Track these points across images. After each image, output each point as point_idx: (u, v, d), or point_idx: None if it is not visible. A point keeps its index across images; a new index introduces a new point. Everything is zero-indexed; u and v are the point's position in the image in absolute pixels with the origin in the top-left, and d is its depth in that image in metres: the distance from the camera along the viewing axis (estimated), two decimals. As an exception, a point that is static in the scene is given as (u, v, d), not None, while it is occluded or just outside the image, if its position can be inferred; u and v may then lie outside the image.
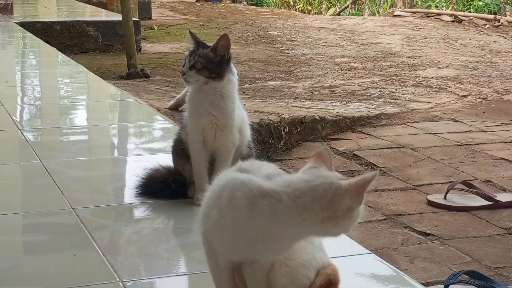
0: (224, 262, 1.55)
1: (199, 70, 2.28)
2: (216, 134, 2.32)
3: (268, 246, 1.47)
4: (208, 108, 2.31)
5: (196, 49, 2.30)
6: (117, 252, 2.08)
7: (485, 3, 12.88)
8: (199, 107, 2.32)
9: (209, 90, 2.30)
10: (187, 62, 2.29)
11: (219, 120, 2.31)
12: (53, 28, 7.61)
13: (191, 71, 2.28)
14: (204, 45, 2.32)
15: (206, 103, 2.31)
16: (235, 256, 1.53)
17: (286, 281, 1.54)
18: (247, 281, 1.56)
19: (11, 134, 3.32)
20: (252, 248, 1.49)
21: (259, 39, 9.28)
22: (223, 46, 2.29)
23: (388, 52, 8.48)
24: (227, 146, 2.33)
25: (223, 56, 2.29)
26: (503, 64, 7.86)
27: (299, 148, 4.82)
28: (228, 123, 2.32)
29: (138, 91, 5.41)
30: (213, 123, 2.32)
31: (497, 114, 5.64)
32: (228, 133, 2.32)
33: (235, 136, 2.34)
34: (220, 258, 1.55)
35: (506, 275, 2.96)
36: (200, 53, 2.28)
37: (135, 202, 2.44)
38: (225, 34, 2.31)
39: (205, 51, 2.28)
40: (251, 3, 14.83)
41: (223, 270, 1.57)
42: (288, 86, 6.46)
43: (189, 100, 2.37)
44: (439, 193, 3.87)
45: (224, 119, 2.30)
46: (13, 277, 1.88)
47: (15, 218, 2.33)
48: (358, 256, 2.04)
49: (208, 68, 2.27)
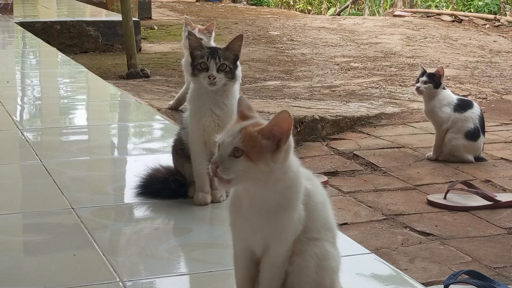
0: (239, 251, 1.60)
1: (226, 73, 2.28)
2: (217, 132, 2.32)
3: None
4: (211, 108, 2.31)
5: (214, 50, 2.28)
6: (117, 252, 2.08)
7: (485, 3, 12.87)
8: (202, 107, 2.32)
9: (215, 90, 2.29)
10: (212, 65, 2.27)
11: (221, 120, 2.31)
12: (53, 28, 7.61)
13: (220, 74, 2.27)
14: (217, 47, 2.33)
15: (210, 103, 2.31)
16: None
17: None
18: (261, 272, 1.58)
19: (11, 134, 3.32)
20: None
21: (259, 39, 9.28)
22: (239, 46, 2.29)
23: (388, 52, 8.48)
24: None
25: (237, 56, 2.30)
26: (503, 64, 7.86)
27: (299, 148, 4.82)
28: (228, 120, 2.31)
29: (138, 91, 5.41)
30: (215, 123, 2.32)
31: (497, 114, 5.64)
32: None
33: None
34: (234, 246, 1.60)
35: (506, 275, 2.96)
36: (223, 55, 2.27)
37: (135, 202, 2.44)
38: (240, 35, 2.31)
39: (227, 53, 2.28)
40: (251, 3, 14.83)
41: (237, 259, 1.61)
42: (288, 86, 6.46)
43: (191, 101, 2.36)
44: (439, 193, 3.87)
45: (226, 117, 2.30)
46: (13, 277, 1.88)
47: (15, 218, 2.33)
48: (358, 256, 2.04)
49: (231, 70, 2.28)
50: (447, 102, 4.57)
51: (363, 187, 4.02)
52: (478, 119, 4.54)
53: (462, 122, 4.52)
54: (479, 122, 4.53)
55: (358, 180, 4.16)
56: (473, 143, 4.49)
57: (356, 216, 3.57)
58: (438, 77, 4.54)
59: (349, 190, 3.98)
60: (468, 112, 4.55)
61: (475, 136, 4.49)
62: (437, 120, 4.58)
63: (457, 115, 4.54)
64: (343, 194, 3.91)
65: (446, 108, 4.56)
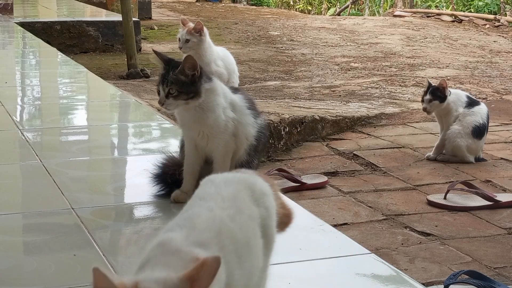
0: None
1: (176, 97, 2.25)
2: (207, 142, 2.34)
3: None
4: (190, 123, 2.32)
5: (166, 73, 2.26)
6: (117, 252, 2.08)
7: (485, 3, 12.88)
8: (185, 122, 2.34)
9: (190, 107, 2.29)
10: (161, 91, 2.26)
11: (208, 130, 2.32)
12: (53, 28, 7.61)
13: (168, 100, 2.26)
14: (174, 63, 2.29)
15: (190, 119, 2.32)
16: None
17: None
18: None
19: (11, 134, 3.32)
20: None
21: (259, 39, 9.27)
22: (189, 67, 2.25)
23: (388, 52, 8.48)
24: (220, 151, 2.34)
25: (194, 75, 2.27)
26: (503, 64, 7.86)
27: (299, 148, 4.82)
28: (214, 132, 2.32)
29: (138, 91, 5.41)
30: (202, 133, 2.33)
31: (497, 114, 5.64)
32: (217, 140, 2.33)
33: (227, 141, 2.34)
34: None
35: (506, 275, 2.96)
36: (172, 79, 2.24)
37: (135, 202, 2.44)
38: (188, 56, 2.28)
39: (176, 76, 2.25)
40: (251, 3, 14.83)
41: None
42: (288, 86, 6.46)
43: (176, 114, 2.39)
44: (439, 193, 3.87)
45: (209, 129, 2.31)
46: (13, 277, 1.88)
47: (15, 218, 2.33)
48: (358, 256, 2.04)
49: (184, 91, 2.25)
50: (459, 104, 4.58)
51: (363, 187, 4.02)
52: (486, 116, 4.55)
53: (471, 116, 4.52)
54: (486, 120, 4.55)
55: (358, 180, 4.16)
56: (477, 142, 4.49)
57: (356, 216, 3.57)
58: (442, 90, 4.52)
59: (349, 190, 3.98)
60: (476, 108, 4.56)
61: (481, 133, 4.49)
62: (450, 121, 4.57)
63: (466, 110, 4.56)
64: (343, 194, 3.92)
65: (460, 109, 4.57)
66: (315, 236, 2.16)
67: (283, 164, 4.45)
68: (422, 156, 4.59)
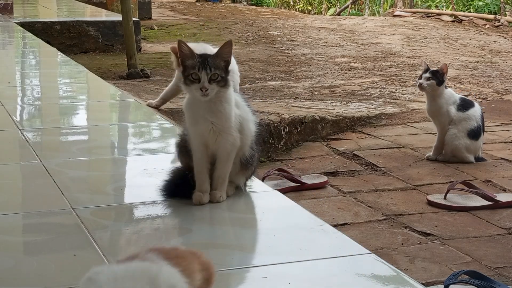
0: None
1: (218, 82, 2.25)
2: (216, 138, 2.33)
3: None
4: (206, 115, 2.30)
5: (204, 59, 2.25)
6: (117, 252, 2.08)
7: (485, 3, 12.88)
8: (197, 115, 2.32)
9: (215, 96, 2.28)
10: (203, 76, 2.23)
11: (217, 125, 2.31)
12: (53, 28, 7.61)
13: (211, 85, 2.24)
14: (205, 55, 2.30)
15: (204, 110, 2.30)
16: None
17: None
18: None
19: (11, 134, 3.32)
20: None
21: (259, 39, 9.27)
22: (229, 52, 2.27)
23: (388, 52, 8.48)
24: (226, 148, 2.34)
25: (227, 62, 2.28)
26: (503, 64, 7.86)
27: (299, 148, 4.82)
28: (226, 126, 2.31)
29: (138, 91, 5.41)
30: (211, 129, 2.31)
31: (497, 114, 5.64)
32: (226, 136, 2.32)
33: (235, 137, 2.34)
34: None
35: (506, 275, 2.96)
36: (214, 64, 2.24)
37: (135, 202, 2.44)
38: (230, 40, 2.29)
39: (217, 61, 2.25)
40: (251, 3, 14.82)
41: None
42: (288, 86, 6.46)
43: (186, 109, 2.35)
44: (439, 193, 3.87)
45: (221, 122, 2.30)
46: (13, 277, 1.88)
47: (15, 218, 2.33)
48: (358, 256, 2.04)
49: (223, 78, 2.26)
50: (452, 101, 4.56)
51: (363, 187, 4.02)
52: (480, 118, 4.54)
53: (466, 120, 4.52)
54: (481, 121, 4.54)
55: (358, 180, 4.16)
56: (475, 142, 4.49)
57: (356, 216, 3.57)
58: (441, 74, 4.52)
59: (349, 190, 3.98)
60: (471, 111, 4.55)
61: (477, 135, 4.49)
62: (442, 121, 4.56)
63: (461, 114, 4.54)
64: (343, 194, 3.92)
65: (451, 108, 4.55)
66: (315, 236, 2.15)
67: (283, 164, 4.45)
68: (422, 156, 4.59)
